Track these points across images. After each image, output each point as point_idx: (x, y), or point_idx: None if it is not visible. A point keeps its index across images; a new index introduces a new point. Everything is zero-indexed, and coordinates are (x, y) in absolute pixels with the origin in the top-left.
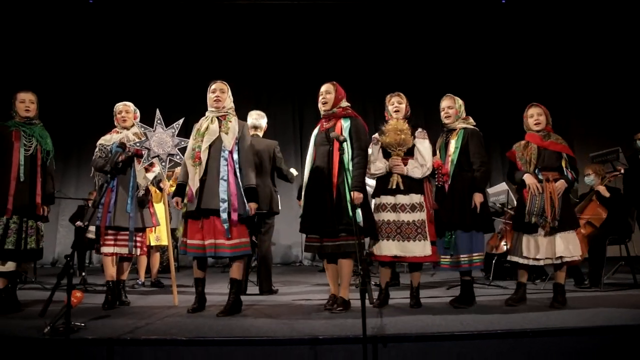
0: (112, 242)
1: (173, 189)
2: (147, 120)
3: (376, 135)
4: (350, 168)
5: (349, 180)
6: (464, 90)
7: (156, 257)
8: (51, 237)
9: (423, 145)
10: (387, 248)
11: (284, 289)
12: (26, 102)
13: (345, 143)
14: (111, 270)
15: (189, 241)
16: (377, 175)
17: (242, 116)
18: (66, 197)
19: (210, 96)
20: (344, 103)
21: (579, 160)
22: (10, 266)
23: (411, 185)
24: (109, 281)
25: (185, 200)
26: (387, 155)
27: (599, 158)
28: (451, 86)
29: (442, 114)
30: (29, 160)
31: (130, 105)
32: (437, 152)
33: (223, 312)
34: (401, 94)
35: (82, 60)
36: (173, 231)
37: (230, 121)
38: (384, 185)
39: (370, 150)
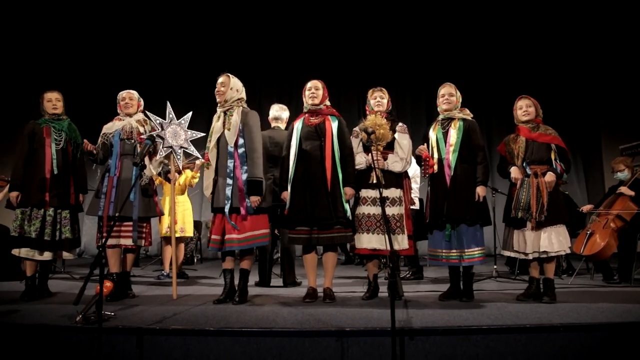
0: (116, 234)
1: (195, 180)
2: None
3: (356, 128)
4: (339, 163)
5: (340, 175)
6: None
7: (180, 248)
8: None
9: (404, 139)
10: (367, 241)
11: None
12: (53, 101)
13: (372, 135)
14: (115, 262)
15: (212, 237)
16: (357, 170)
17: (264, 109)
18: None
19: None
20: (327, 101)
21: (609, 152)
22: (47, 255)
23: (391, 179)
24: (112, 273)
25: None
26: (366, 149)
27: (629, 150)
28: (463, 79)
29: (442, 100)
30: (60, 153)
31: (134, 93)
32: (434, 140)
33: (240, 298)
34: (383, 89)
35: (84, 55)
36: (198, 224)
37: (232, 115)
38: (363, 179)
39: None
